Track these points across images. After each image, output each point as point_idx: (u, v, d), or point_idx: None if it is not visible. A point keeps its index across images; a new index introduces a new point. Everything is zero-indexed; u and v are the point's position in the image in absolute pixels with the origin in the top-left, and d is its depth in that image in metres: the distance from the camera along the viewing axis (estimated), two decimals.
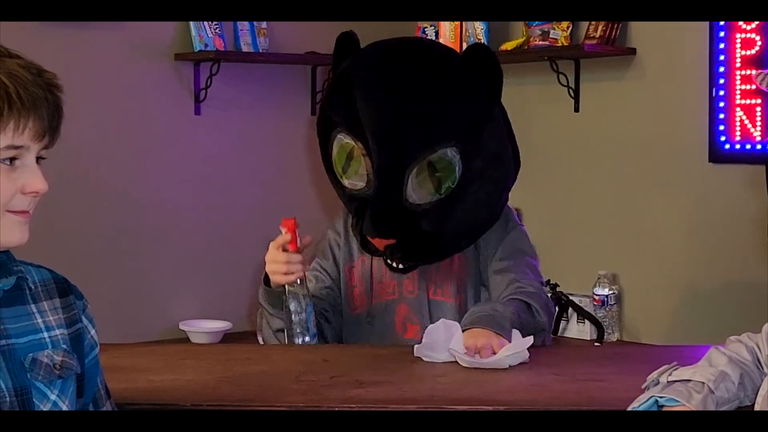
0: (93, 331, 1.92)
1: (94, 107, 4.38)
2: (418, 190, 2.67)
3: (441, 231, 2.72)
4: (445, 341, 2.51)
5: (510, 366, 2.46)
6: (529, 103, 4.81)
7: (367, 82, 2.74)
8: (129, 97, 4.56)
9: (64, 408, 1.79)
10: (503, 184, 2.82)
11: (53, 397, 1.79)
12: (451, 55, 2.88)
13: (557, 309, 4.45)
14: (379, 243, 2.73)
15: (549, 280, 4.50)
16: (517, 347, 2.49)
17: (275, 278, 2.73)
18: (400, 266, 2.79)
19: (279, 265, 2.72)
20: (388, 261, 2.80)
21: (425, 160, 2.66)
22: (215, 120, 4.77)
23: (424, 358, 2.52)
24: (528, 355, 2.50)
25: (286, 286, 2.70)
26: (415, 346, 2.53)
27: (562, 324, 4.47)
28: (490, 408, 2.13)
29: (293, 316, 2.70)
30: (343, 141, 2.76)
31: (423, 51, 2.86)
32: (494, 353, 2.47)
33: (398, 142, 2.68)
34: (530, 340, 2.53)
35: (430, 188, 2.68)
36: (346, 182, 2.78)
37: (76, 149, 4.20)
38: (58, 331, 1.83)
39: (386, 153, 2.68)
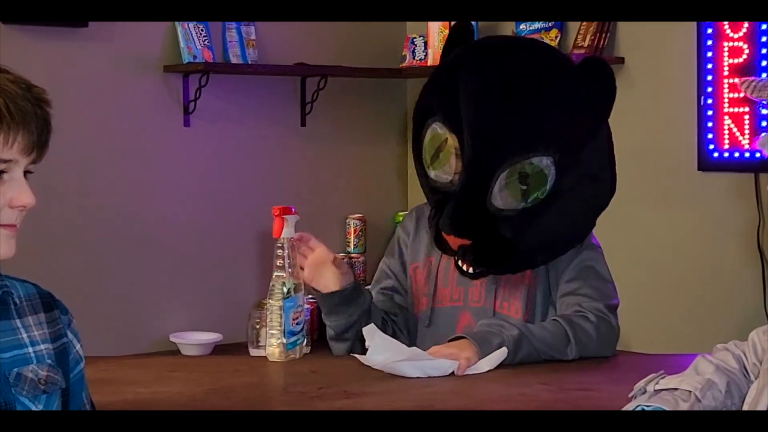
0: (78, 346, 1.91)
1: (83, 120, 4.38)
2: (504, 195, 2.57)
3: (518, 240, 2.61)
4: (377, 344, 2.50)
5: (429, 376, 2.43)
6: None
7: (472, 74, 2.63)
8: (118, 109, 4.56)
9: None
10: (594, 205, 2.72)
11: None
12: (566, 62, 2.75)
13: None
14: (454, 242, 2.62)
15: None
16: (425, 357, 2.46)
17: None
18: (470, 270, 2.67)
19: None
20: (459, 263, 2.67)
21: (518, 165, 2.55)
22: (205, 132, 4.77)
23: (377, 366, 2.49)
24: (454, 366, 2.45)
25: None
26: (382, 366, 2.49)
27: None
28: None
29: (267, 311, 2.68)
30: (437, 131, 2.65)
31: (537, 51, 2.73)
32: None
33: (494, 140, 2.57)
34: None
35: (518, 195, 2.57)
36: (432, 173, 2.67)
37: (66, 162, 4.20)
38: (43, 346, 1.83)
39: (479, 150, 2.57)
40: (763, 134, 1.83)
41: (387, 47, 5.11)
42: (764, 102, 1.85)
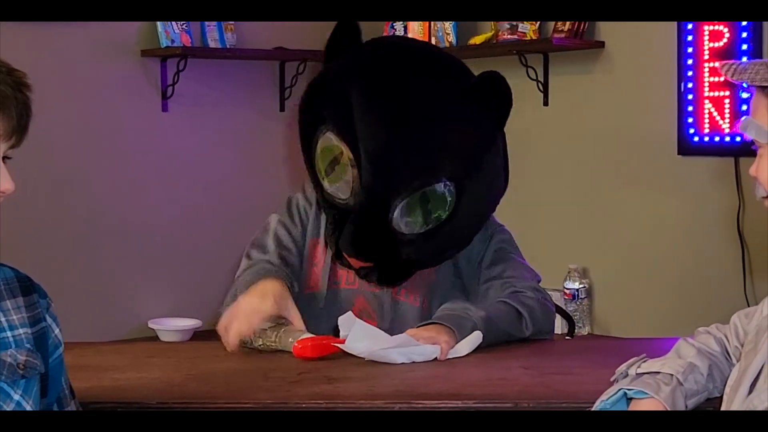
0: (57, 330, 1.90)
1: (60, 105, 4.35)
2: (406, 221, 2.56)
3: (422, 259, 2.63)
4: (356, 331, 2.48)
5: (413, 362, 2.42)
6: None
7: (368, 93, 2.58)
8: (95, 94, 4.53)
9: (28, 408, 1.78)
10: (486, 217, 2.74)
11: (17, 396, 1.78)
12: (459, 71, 2.70)
13: None
14: (355, 262, 2.62)
15: None
16: (410, 342, 2.46)
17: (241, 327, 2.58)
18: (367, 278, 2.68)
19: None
20: (366, 280, 2.68)
21: (418, 192, 2.54)
22: (183, 117, 4.74)
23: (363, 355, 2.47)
24: (436, 351, 2.44)
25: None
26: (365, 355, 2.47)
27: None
28: (460, 402, 2.12)
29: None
30: (331, 141, 2.59)
31: (432, 67, 2.67)
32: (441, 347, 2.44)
33: (394, 168, 2.54)
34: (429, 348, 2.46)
35: (419, 220, 2.56)
36: (327, 186, 2.63)
37: (43, 147, 4.17)
38: (21, 330, 1.82)
39: (379, 176, 2.54)
40: (744, 117, 1.83)
41: (366, 31, 5.07)
42: (745, 85, 1.84)
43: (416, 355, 2.44)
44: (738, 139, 3.95)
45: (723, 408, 1.90)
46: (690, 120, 4.12)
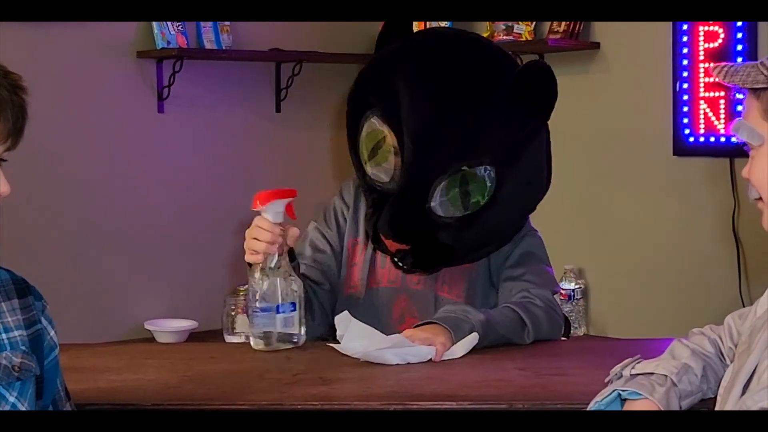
0: (52, 332, 1.90)
1: (56, 106, 4.35)
2: (444, 204, 2.57)
3: (457, 246, 2.62)
4: (352, 331, 2.48)
5: (408, 363, 2.41)
6: None
7: (415, 76, 2.59)
8: (91, 95, 4.53)
9: (23, 409, 1.78)
10: (528, 209, 2.73)
11: (12, 399, 1.78)
12: (509, 66, 2.69)
13: None
14: (392, 245, 2.61)
15: None
16: (405, 343, 2.46)
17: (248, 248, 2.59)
18: (405, 267, 2.67)
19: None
20: (400, 263, 2.67)
21: (459, 174, 2.55)
22: (179, 118, 4.74)
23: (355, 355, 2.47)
24: (431, 353, 2.44)
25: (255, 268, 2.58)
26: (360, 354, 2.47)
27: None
28: (455, 404, 2.12)
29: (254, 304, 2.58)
30: (375, 126, 2.61)
31: (480, 55, 2.66)
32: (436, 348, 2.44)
33: (435, 148, 2.55)
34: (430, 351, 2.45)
35: (458, 204, 2.57)
36: (369, 169, 2.64)
37: (38, 148, 4.16)
38: (16, 333, 1.82)
39: (420, 156, 2.54)
40: (736, 119, 1.84)
41: (362, 32, 5.09)
42: (737, 87, 1.85)
43: (411, 356, 2.44)
44: (733, 139, 3.95)
45: (716, 409, 1.91)
46: (685, 120, 4.13)
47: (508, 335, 2.59)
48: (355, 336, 2.47)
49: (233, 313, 4.36)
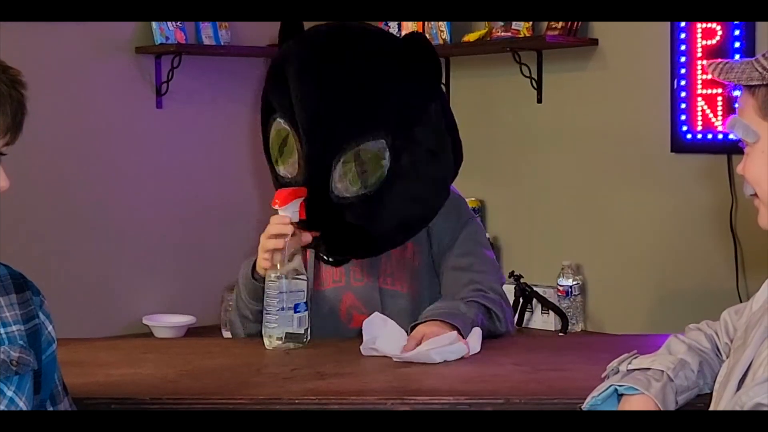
0: (50, 327, 1.91)
1: (54, 101, 4.35)
2: (343, 182, 2.60)
3: (369, 226, 2.64)
4: (388, 333, 2.49)
5: (445, 361, 2.42)
6: (491, 94, 4.82)
7: (299, 68, 2.65)
8: (90, 91, 4.53)
9: (21, 404, 1.78)
10: (439, 179, 2.73)
11: (10, 393, 1.78)
12: (388, 42, 2.76)
13: (522, 300, 4.45)
14: (306, 235, 2.65)
15: (513, 272, 4.51)
16: (443, 341, 2.46)
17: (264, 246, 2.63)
18: (330, 259, 2.73)
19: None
20: (320, 253, 2.74)
21: (351, 151, 2.58)
22: (177, 113, 4.75)
23: (372, 353, 2.48)
24: (466, 349, 2.47)
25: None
26: (361, 346, 2.49)
27: (527, 315, 4.47)
28: (452, 399, 2.13)
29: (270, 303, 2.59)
30: (279, 126, 2.67)
31: (359, 38, 2.72)
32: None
33: (324, 131, 2.60)
34: (454, 335, 2.47)
35: (356, 181, 2.59)
36: (280, 169, 2.70)
37: (37, 144, 4.17)
38: (14, 327, 1.83)
39: (312, 142, 2.60)
40: (731, 116, 1.84)
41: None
42: (733, 84, 1.86)
43: (450, 354, 2.43)
44: (731, 136, 3.95)
45: (712, 404, 1.91)
46: (683, 117, 4.13)
47: (488, 327, 2.63)
48: (391, 338, 2.47)
49: (230, 309, 4.37)
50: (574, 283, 4.46)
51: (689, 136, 4.13)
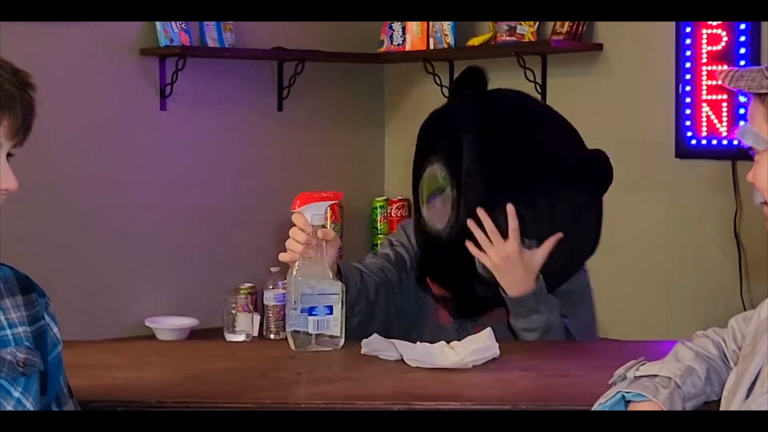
0: (55, 329, 1.90)
1: (59, 103, 4.34)
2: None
3: (493, 300, 2.72)
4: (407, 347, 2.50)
5: (473, 366, 2.44)
6: None
7: (481, 144, 2.67)
8: (94, 92, 4.53)
9: (28, 405, 1.78)
10: (566, 276, 2.87)
11: (17, 394, 1.78)
12: (571, 142, 2.83)
13: None
14: (436, 288, 2.76)
15: None
16: (479, 342, 2.47)
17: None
18: (451, 312, 2.80)
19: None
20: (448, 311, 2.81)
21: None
22: (181, 116, 4.75)
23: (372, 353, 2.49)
24: (497, 351, 2.49)
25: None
26: (406, 359, 2.46)
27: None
28: (458, 404, 2.12)
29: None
30: (436, 172, 2.70)
31: (547, 130, 2.78)
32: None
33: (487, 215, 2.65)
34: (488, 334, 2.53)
35: None
36: (425, 212, 2.75)
37: (41, 145, 4.13)
38: (20, 329, 1.82)
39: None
40: (741, 124, 1.84)
41: (365, 32, 5.09)
42: (743, 91, 1.86)
43: (483, 358, 2.45)
44: (735, 142, 3.95)
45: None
46: (687, 123, 4.13)
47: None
48: (414, 349, 2.48)
49: (234, 312, 4.36)
50: None
51: (694, 141, 4.12)
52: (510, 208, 2.62)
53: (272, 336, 4.27)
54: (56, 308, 1.94)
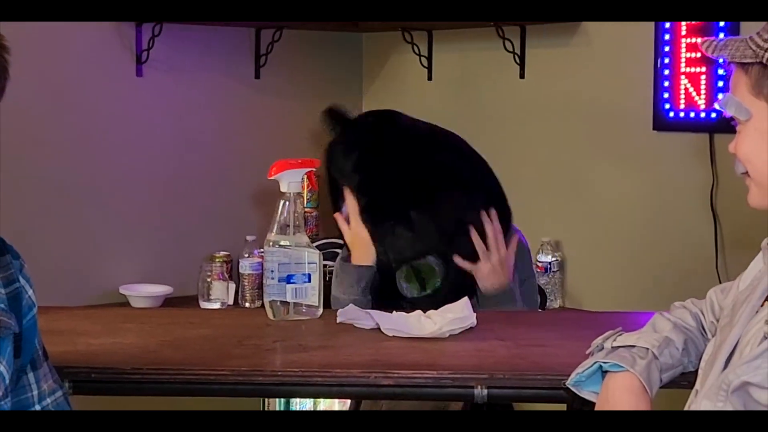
0: (30, 291, 1.89)
1: (32, 68, 4.30)
2: (406, 285, 2.87)
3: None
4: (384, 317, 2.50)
5: (450, 335, 2.43)
6: (474, 68, 4.80)
7: (369, 183, 2.90)
8: (69, 58, 4.48)
9: (2, 368, 1.77)
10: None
11: None
12: (457, 159, 3.01)
13: None
14: None
15: None
16: (456, 311, 2.47)
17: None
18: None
19: None
20: None
21: (410, 266, 2.86)
22: (157, 82, 4.71)
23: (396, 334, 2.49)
24: (474, 320, 2.48)
25: None
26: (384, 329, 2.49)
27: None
28: (435, 373, 2.12)
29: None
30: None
31: (430, 153, 2.96)
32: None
33: (390, 249, 2.87)
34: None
35: (416, 287, 2.87)
36: None
37: (13, 111, 4.10)
38: None
39: (382, 253, 2.89)
40: (724, 94, 1.84)
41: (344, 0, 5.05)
42: (721, 61, 1.86)
43: (459, 327, 2.47)
44: (713, 115, 3.95)
45: (698, 382, 1.91)
46: (666, 95, 4.12)
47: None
48: (391, 319, 2.48)
49: (209, 280, 4.35)
50: (553, 259, 4.46)
51: (672, 114, 4.12)
52: (484, 216, 2.90)
53: (247, 305, 4.27)
54: (30, 273, 1.92)
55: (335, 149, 3.00)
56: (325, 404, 4.14)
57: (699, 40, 3.92)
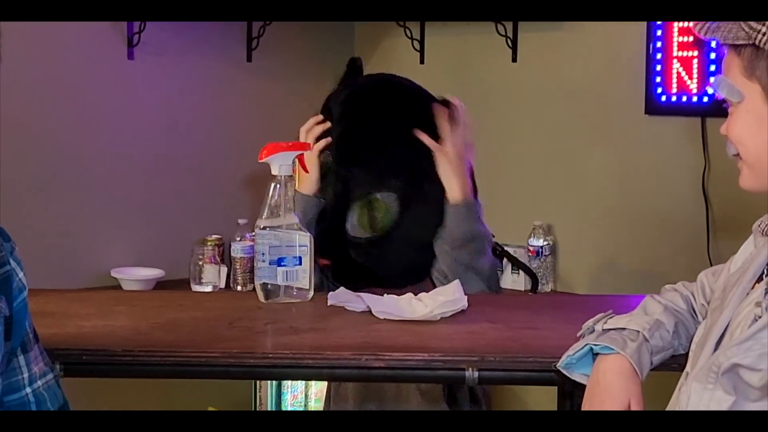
0: (21, 274, 1.89)
1: (21, 50, 4.28)
2: (355, 225, 2.86)
3: (374, 265, 2.88)
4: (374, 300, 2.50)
5: (441, 318, 2.44)
6: (466, 52, 4.80)
7: (340, 117, 2.99)
8: (58, 40, 4.47)
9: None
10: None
11: None
12: (421, 102, 3.00)
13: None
14: (321, 260, 2.86)
15: None
16: (447, 294, 2.47)
17: None
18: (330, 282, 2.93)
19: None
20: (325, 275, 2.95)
21: (365, 199, 2.85)
22: (149, 65, 4.70)
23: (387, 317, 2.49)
24: (465, 303, 2.48)
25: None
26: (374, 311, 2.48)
27: (497, 275, 4.47)
28: (426, 355, 2.12)
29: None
30: (328, 158, 2.95)
31: (398, 95, 3.02)
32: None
33: (348, 177, 2.89)
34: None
35: (366, 225, 2.85)
36: (320, 195, 2.93)
37: (3, 94, 4.11)
38: None
39: (338, 186, 2.90)
40: (716, 75, 1.84)
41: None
42: (718, 42, 1.86)
43: (451, 310, 2.47)
44: (705, 99, 3.96)
45: (689, 365, 1.91)
46: (658, 79, 4.12)
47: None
48: (382, 301, 2.48)
49: (201, 263, 4.35)
50: (545, 243, 4.46)
51: (664, 98, 4.12)
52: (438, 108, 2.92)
53: (239, 288, 4.28)
54: (22, 256, 1.92)
55: (339, 86, 3.12)
56: (316, 386, 4.16)
57: (691, 23, 3.93)
